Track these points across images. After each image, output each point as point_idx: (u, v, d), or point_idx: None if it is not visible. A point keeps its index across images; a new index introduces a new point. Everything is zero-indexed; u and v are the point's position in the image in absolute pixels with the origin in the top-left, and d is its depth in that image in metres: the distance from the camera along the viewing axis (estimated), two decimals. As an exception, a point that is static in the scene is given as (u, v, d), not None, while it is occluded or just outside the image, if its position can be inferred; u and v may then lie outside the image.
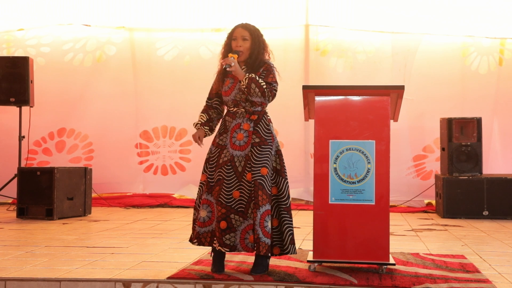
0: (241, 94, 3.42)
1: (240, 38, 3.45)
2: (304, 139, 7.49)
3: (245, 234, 3.32)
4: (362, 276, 3.36)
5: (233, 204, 3.33)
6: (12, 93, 6.75)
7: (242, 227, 3.33)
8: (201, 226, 3.40)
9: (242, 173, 3.36)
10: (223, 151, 3.42)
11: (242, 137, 3.40)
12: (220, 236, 3.31)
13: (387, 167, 3.46)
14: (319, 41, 7.50)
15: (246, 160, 3.37)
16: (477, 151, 6.49)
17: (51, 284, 3.25)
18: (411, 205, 7.12)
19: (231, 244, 3.32)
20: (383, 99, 3.51)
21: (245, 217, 3.33)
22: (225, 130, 3.46)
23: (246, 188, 3.35)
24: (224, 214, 3.32)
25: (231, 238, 3.31)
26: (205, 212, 3.40)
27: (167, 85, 7.65)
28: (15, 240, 4.82)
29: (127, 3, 7.72)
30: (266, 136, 3.43)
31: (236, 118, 3.44)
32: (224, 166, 3.37)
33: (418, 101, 7.25)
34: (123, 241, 4.63)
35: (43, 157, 7.71)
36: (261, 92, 3.37)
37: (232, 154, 3.39)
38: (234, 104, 3.46)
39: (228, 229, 3.31)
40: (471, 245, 4.59)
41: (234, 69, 3.36)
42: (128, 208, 7.21)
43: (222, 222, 3.31)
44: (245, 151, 3.38)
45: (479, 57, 7.35)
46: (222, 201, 3.33)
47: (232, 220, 3.32)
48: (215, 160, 3.43)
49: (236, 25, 3.52)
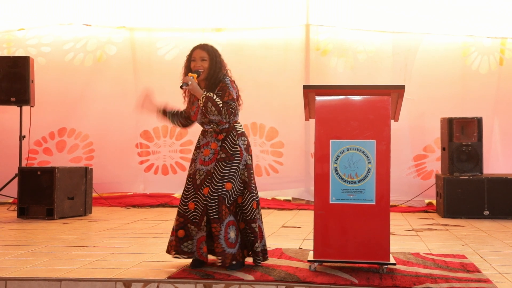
0: (203, 118, 3.60)
1: (198, 59, 3.60)
2: (304, 139, 7.49)
3: (199, 244, 3.48)
4: (362, 276, 3.36)
5: (189, 215, 3.51)
6: (12, 92, 6.75)
7: (197, 236, 3.49)
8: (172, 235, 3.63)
9: (199, 186, 3.50)
10: (191, 165, 3.62)
11: (208, 153, 3.55)
12: (177, 244, 3.50)
13: (387, 167, 3.46)
14: (320, 41, 7.50)
15: (207, 175, 3.50)
16: (478, 151, 6.48)
17: (51, 284, 3.25)
18: (411, 205, 7.12)
19: (189, 251, 3.50)
20: (383, 98, 3.51)
21: (199, 228, 3.48)
22: (197, 146, 3.66)
23: (201, 201, 3.48)
24: (182, 223, 3.51)
25: (189, 246, 3.50)
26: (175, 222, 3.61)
27: (167, 85, 7.60)
28: (16, 239, 4.83)
29: (128, 3, 7.73)
30: (232, 151, 3.53)
31: (206, 136, 3.61)
32: (188, 178, 3.58)
33: (418, 101, 7.25)
34: (123, 241, 4.64)
35: (44, 157, 7.71)
36: (218, 111, 3.47)
37: (196, 168, 3.56)
38: (203, 125, 3.64)
39: (186, 237, 3.50)
40: (471, 245, 4.59)
41: (191, 87, 3.53)
42: (129, 207, 7.22)
43: (180, 231, 3.51)
44: (208, 167, 3.52)
45: (480, 56, 7.35)
46: (180, 210, 3.54)
47: (189, 229, 3.51)
48: (188, 173, 3.63)
49: (195, 47, 3.65)
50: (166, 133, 7.73)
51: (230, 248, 3.44)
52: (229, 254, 3.43)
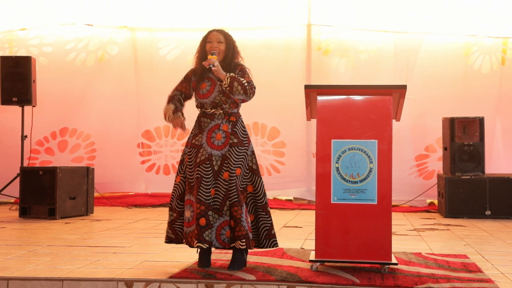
0: (221, 96, 3.53)
1: (215, 40, 3.59)
2: (306, 139, 7.49)
3: (220, 230, 3.43)
4: (364, 275, 3.36)
5: (211, 202, 3.44)
6: (14, 92, 6.76)
7: (217, 223, 3.43)
8: (187, 226, 3.49)
9: (218, 172, 3.46)
10: (199, 150, 3.50)
11: (220, 137, 3.50)
12: (199, 233, 3.40)
13: (389, 167, 3.46)
14: (321, 41, 7.50)
15: (223, 160, 3.47)
16: (480, 151, 6.48)
17: (53, 283, 3.25)
18: (413, 204, 7.11)
19: (209, 240, 3.41)
20: (385, 98, 3.50)
21: (221, 214, 3.43)
22: (200, 131, 3.55)
23: (222, 187, 3.46)
24: (203, 211, 3.42)
25: (209, 234, 3.41)
26: (189, 212, 3.49)
27: (169, 85, 7.52)
28: (18, 239, 4.83)
29: (129, 3, 7.73)
30: (243, 138, 3.55)
31: (215, 119, 3.53)
32: (202, 164, 3.47)
33: (420, 101, 7.24)
34: (125, 241, 4.64)
35: (46, 157, 7.72)
36: (243, 90, 3.48)
37: (210, 153, 3.48)
38: (212, 106, 3.55)
39: (207, 225, 3.41)
40: (473, 244, 4.59)
41: (217, 68, 3.48)
42: (130, 207, 7.22)
43: (202, 219, 3.41)
44: (222, 151, 3.49)
45: (482, 56, 7.34)
46: (201, 198, 3.42)
47: (209, 217, 3.42)
48: (193, 160, 3.51)
49: (211, 30, 3.67)
50: (167, 133, 7.73)
51: (250, 233, 3.43)
52: (250, 239, 3.42)
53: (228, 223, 3.42)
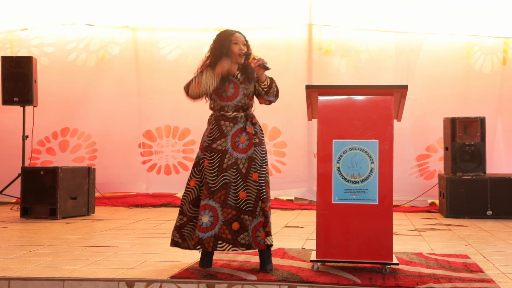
0: (245, 98, 3.54)
1: (241, 42, 3.56)
2: (307, 139, 7.49)
3: (256, 232, 3.42)
4: (365, 275, 3.36)
5: (242, 205, 3.44)
6: (16, 92, 6.76)
7: (252, 225, 3.43)
8: (204, 231, 3.43)
9: (247, 174, 3.46)
10: (225, 156, 3.47)
11: (244, 140, 3.49)
12: (233, 237, 3.42)
13: (390, 167, 3.46)
14: (322, 41, 7.49)
15: (250, 162, 3.47)
16: (481, 151, 6.47)
17: (54, 283, 3.26)
18: (414, 204, 7.11)
19: (246, 243, 3.42)
20: (386, 98, 3.50)
21: (254, 215, 3.43)
22: (222, 135, 3.50)
23: (252, 188, 3.45)
24: (235, 215, 3.43)
25: (245, 237, 3.42)
26: (207, 218, 3.44)
27: (170, 85, 7.65)
28: (19, 239, 4.84)
29: (131, 3, 7.73)
30: (261, 137, 3.59)
31: (238, 123, 3.51)
32: (229, 170, 3.46)
33: (421, 101, 7.24)
34: (126, 241, 4.64)
35: (47, 157, 7.72)
36: (276, 92, 3.60)
37: (236, 157, 3.47)
38: (235, 109, 3.53)
39: (241, 229, 3.43)
40: (474, 245, 4.58)
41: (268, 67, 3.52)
42: (131, 207, 7.22)
43: (234, 224, 3.43)
44: (247, 153, 3.49)
45: (483, 56, 7.34)
46: (230, 203, 3.43)
47: (243, 220, 3.43)
48: (217, 166, 3.47)
49: (232, 30, 3.59)
50: (168, 133, 7.73)
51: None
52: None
53: (262, 224, 3.42)
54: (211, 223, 3.43)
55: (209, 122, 3.59)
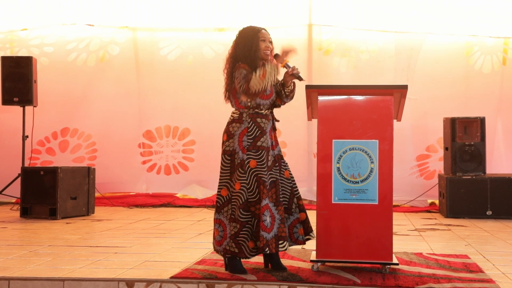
0: (276, 98, 3.56)
1: (267, 39, 3.52)
2: (307, 139, 7.49)
3: (293, 229, 3.47)
4: (365, 275, 3.36)
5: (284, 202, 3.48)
6: (15, 92, 6.76)
7: (289, 222, 3.47)
8: (268, 231, 3.32)
9: (281, 171, 3.50)
10: (268, 153, 3.46)
11: (273, 138, 3.55)
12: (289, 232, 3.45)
13: (390, 167, 3.46)
14: (322, 41, 7.49)
15: (279, 159, 3.52)
16: (481, 151, 6.47)
17: (54, 283, 3.26)
18: (414, 204, 7.11)
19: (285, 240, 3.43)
20: (386, 98, 3.50)
21: (290, 212, 3.48)
22: (262, 132, 3.45)
23: (287, 185, 3.50)
24: (283, 212, 3.46)
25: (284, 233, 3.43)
26: (268, 218, 3.34)
27: (170, 85, 7.66)
28: (19, 239, 4.84)
29: (131, 3, 7.73)
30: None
31: (270, 120, 3.54)
32: (273, 167, 3.47)
33: (421, 101, 7.24)
34: (126, 241, 4.64)
35: (47, 157, 7.72)
36: (293, 96, 3.60)
37: (274, 155, 3.51)
38: (268, 107, 3.54)
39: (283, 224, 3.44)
40: (474, 245, 4.58)
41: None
42: (131, 207, 7.22)
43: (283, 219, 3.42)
44: (276, 151, 3.53)
45: (483, 56, 7.34)
46: (281, 200, 3.45)
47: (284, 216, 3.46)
48: (265, 163, 3.40)
49: (259, 27, 3.53)
50: (168, 133, 7.73)
51: None
52: None
53: (298, 220, 3.46)
54: (271, 223, 3.34)
55: (238, 120, 3.43)
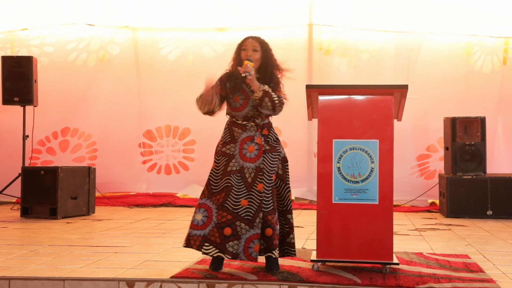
0: (254, 110, 3.44)
1: (250, 48, 3.49)
2: (307, 139, 7.49)
3: (249, 243, 3.32)
4: (365, 275, 3.36)
5: (240, 212, 3.35)
6: (16, 92, 6.76)
7: (247, 235, 3.33)
8: (194, 228, 3.39)
9: (252, 184, 3.38)
10: (231, 160, 3.42)
11: (253, 150, 3.42)
12: (222, 242, 3.33)
13: (390, 167, 3.46)
14: (323, 41, 7.49)
15: (257, 172, 3.39)
16: (481, 151, 6.47)
17: (55, 283, 3.26)
18: (414, 204, 7.11)
19: (234, 252, 3.32)
20: (386, 98, 3.50)
21: (252, 225, 3.33)
22: (232, 140, 3.45)
23: (255, 198, 3.36)
24: (230, 220, 3.34)
25: (235, 246, 3.33)
26: (200, 216, 3.40)
27: (170, 85, 7.66)
28: (19, 239, 4.84)
29: (131, 2, 7.74)
30: (275, 145, 3.50)
31: (247, 130, 3.45)
32: (233, 175, 3.39)
33: (421, 101, 7.24)
34: (126, 240, 4.64)
35: (47, 157, 7.72)
36: (272, 106, 3.38)
37: (242, 165, 3.40)
38: (244, 119, 3.47)
39: (232, 236, 3.33)
40: (475, 244, 4.58)
41: (252, 77, 3.37)
42: (132, 207, 7.22)
43: (227, 229, 3.34)
44: (256, 163, 3.41)
45: (483, 56, 7.34)
46: (228, 207, 3.35)
47: (237, 227, 3.33)
48: (222, 169, 3.43)
49: (246, 37, 3.55)
50: (169, 133, 7.73)
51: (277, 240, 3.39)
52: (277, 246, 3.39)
53: (258, 236, 3.31)
54: (203, 222, 3.38)
55: (224, 127, 3.54)
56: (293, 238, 3.50)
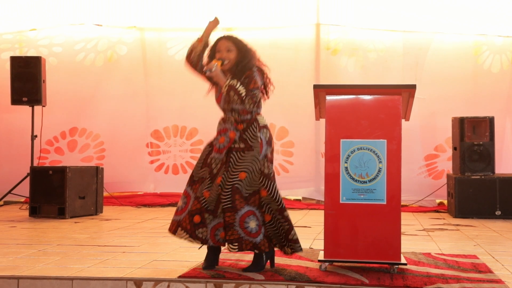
0: (226, 104, 3.46)
1: (224, 50, 3.53)
2: (315, 139, 7.48)
3: (215, 231, 3.39)
4: (373, 275, 3.35)
5: (204, 203, 3.41)
6: (24, 92, 6.80)
7: (212, 224, 3.40)
8: (176, 214, 3.51)
9: (215, 176, 3.42)
10: (211, 151, 3.51)
11: (223, 141, 3.45)
12: (192, 229, 3.40)
13: (398, 167, 3.45)
14: (330, 40, 7.48)
15: (222, 164, 3.42)
16: (490, 151, 6.44)
17: (63, 282, 3.27)
18: (422, 204, 7.09)
19: (203, 238, 3.40)
20: (394, 98, 3.49)
21: (215, 215, 3.39)
22: (217, 132, 3.54)
23: (214, 190, 3.39)
24: (199, 210, 3.41)
25: (204, 233, 3.40)
26: (181, 202, 3.51)
27: (178, 85, 7.67)
28: (28, 238, 4.86)
29: (138, 3, 7.76)
30: (252, 142, 3.42)
31: (226, 123, 3.49)
32: (207, 166, 3.48)
33: (430, 100, 7.21)
34: (134, 240, 4.65)
35: (55, 156, 7.76)
36: (240, 100, 3.37)
37: (212, 156, 3.47)
38: (224, 111, 3.53)
39: (201, 223, 3.40)
40: (483, 245, 4.56)
41: (214, 74, 3.42)
42: (139, 207, 7.24)
43: (196, 216, 3.41)
44: (221, 155, 3.43)
45: (492, 55, 7.30)
46: (199, 197, 3.43)
47: (203, 216, 3.40)
48: (203, 159, 3.53)
49: (219, 37, 3.59)
50: (176, 133, 7.74)
51: (249, 236, 3.33)
52: (248, 241, 3.33)
53: (222, 225, 3.37)
54: (181, 208, 3.47)
55: None
56: (295, 234, 3.48)
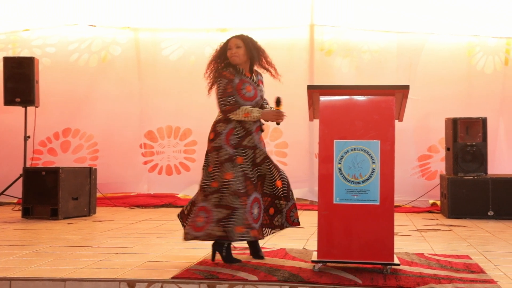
0: (261, 99, 3.86)
1: (234, 46, 3.82)
2: (308, 139, 7.49)
3: (289, 213, 3.78)
4: (366, 276, 3.36)
5: (278, 192, 3.75)
6: (17, 93, 6.78)
7: (286, 208, 3.77)
8: (256, 222, 3.65)
9: (276, 166, 3.80)
10: (255, 151, 3.75)
11: (262, 138, 3.85)
12: (270, 222, 3.77)
13: (392, 167, 3.45)
14: (324, 41, 7.49)
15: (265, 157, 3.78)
16: (483, 151, 6.47)
17: (56, 283, 3.26)
18: (416, 205, 7.10)
19: (280, 224, 3.77)
20: (388, 99, 3.50)
21: (288, 199, 3.78)
22: (248, 133, 3.74)
23: (284, 177, 3.81)
24: (271, 202, 3.76)
25: (279, 219, 3.77)
26: (256, 210, 3.70)
27: (172, 85, 7.66)
28: (20, 240, 4.84)
29: (132, 3, 7.74)
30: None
31: (256, 121, 3.79)
32: (263, 164, 3.75)
33: (423, 101, 7.23)
34: (127, 241, 4.64)
35: (48, 157, 7.73)
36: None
37: (265, 151, 3.79)
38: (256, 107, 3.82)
39: (276, 212, 3.76)
40: (476, 245, 4.58)
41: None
42: (133, 208, 7.23)
43: (271, 209, 3.77)
44: (265, 149, 3.84)
45: (485, 56, 7.33)
46: (266, 192, 3.76)
47: (278, 205, 3.76)
48: (251, 161, 3.73)
49: (230, 37, 3.90)
50: (170, 134, 7.73)
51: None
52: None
53: (295, 205, 3.79)
54: (259, 214, 3.69)
55: (224, 121, 3.72)
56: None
